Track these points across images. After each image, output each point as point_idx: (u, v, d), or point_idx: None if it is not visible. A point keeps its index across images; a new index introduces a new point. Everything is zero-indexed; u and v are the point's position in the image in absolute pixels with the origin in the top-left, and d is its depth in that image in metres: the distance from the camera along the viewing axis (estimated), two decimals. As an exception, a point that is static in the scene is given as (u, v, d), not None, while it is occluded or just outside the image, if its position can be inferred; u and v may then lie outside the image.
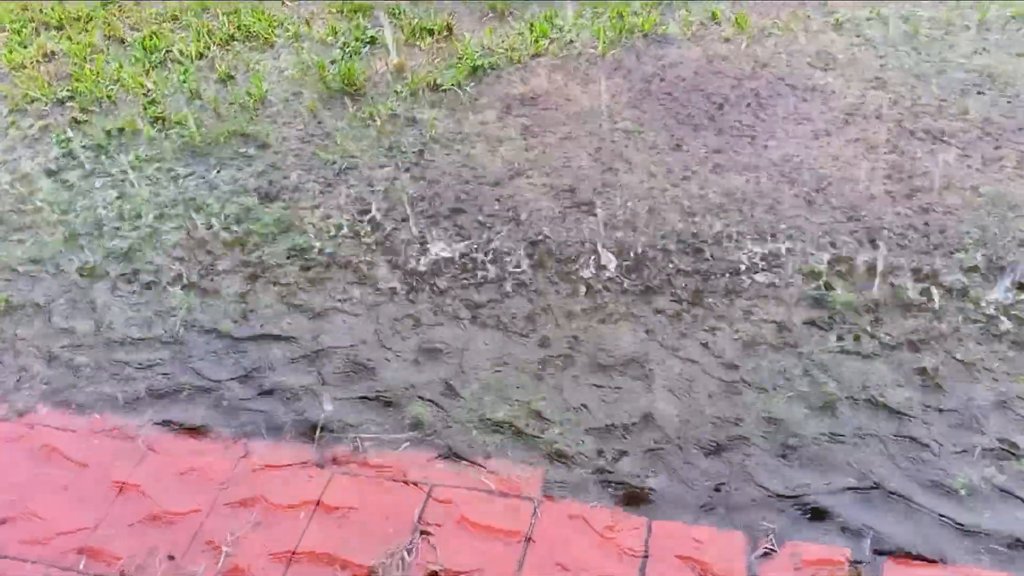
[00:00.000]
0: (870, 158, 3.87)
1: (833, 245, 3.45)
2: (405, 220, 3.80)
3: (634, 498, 2.71)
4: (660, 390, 3.00)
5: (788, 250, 3.46)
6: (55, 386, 3.23)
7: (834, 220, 3.57)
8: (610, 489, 2.74)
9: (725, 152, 4.00)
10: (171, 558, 2.64)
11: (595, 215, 3.73)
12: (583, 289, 3.40)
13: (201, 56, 5.16)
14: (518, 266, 3.53)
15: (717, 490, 2.71)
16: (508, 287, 3.44)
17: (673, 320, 3.25)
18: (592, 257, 3.52)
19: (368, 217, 3.85)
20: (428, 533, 2.67)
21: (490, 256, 3.59)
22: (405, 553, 2.61)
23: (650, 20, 4.95)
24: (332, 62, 4.89)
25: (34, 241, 3.91)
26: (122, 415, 3.11)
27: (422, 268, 3.57)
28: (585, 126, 4.27)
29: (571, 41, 4.92)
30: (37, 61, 5.30)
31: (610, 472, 2.79)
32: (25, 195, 4.19)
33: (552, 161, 4.06)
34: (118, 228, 3.93)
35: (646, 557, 2.54)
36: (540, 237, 3.64)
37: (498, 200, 3.86)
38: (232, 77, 4.94)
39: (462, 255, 3.61)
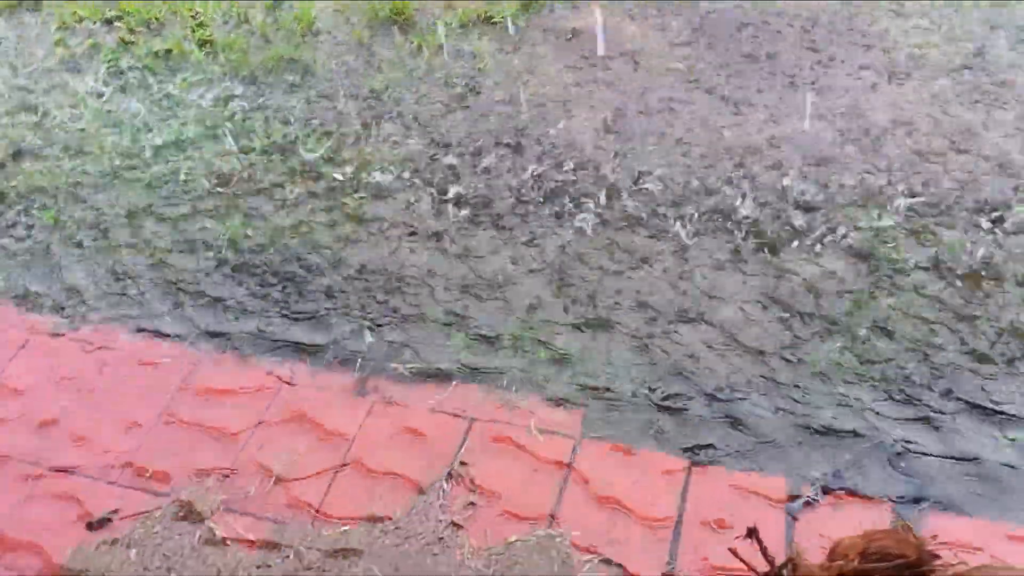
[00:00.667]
0: (928, 108, 3.75)
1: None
2: (449, 151, 3.76)
3: (675, 440, 2.70)
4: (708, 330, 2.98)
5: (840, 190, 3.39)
6: (105, 303, 3.26)
7: (890, 170, 3.48)
8: (652, 431, 2.73)
9: (779, 95, 3.90)
10: (225, 476, 2.68)
11: (645, 151, 3.67)
12: (615, 225, 3.36)
13: (249, -20, 5.09)
14: (564, 199, 3.49)
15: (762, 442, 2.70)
16: (548, 218, 3.41)
17: (730, 263, 3.20)
18: (630, 195, 3.47)
19: (412, 148, 3.81)
20: (466, 464, 2.68)
21: (536, 189, 3.54)
22: (444, 482, 2.62)
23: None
24: (382, -9, 4.80)
25: (81, 161, 3.92)
26: (168, 332, 3.14)
27: (468, 200, 3.54)
28: (637, 64, 4.18)
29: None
30: (86, -20, 5.26)
31: (654, 414, 2.78)
32: (72, 115, 4.19)
33: (602, 98, 3.99)
34: (163, 150, 3.93)
35: (685, 498, 2.54)
36: (585, 169, 3.59)
37: (546, 135, 3.80)
38: (281, 2, 4.88)
39: (507, 187, 3.57)
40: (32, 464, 2.75)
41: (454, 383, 2.91)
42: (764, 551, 2.11)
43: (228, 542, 2.52)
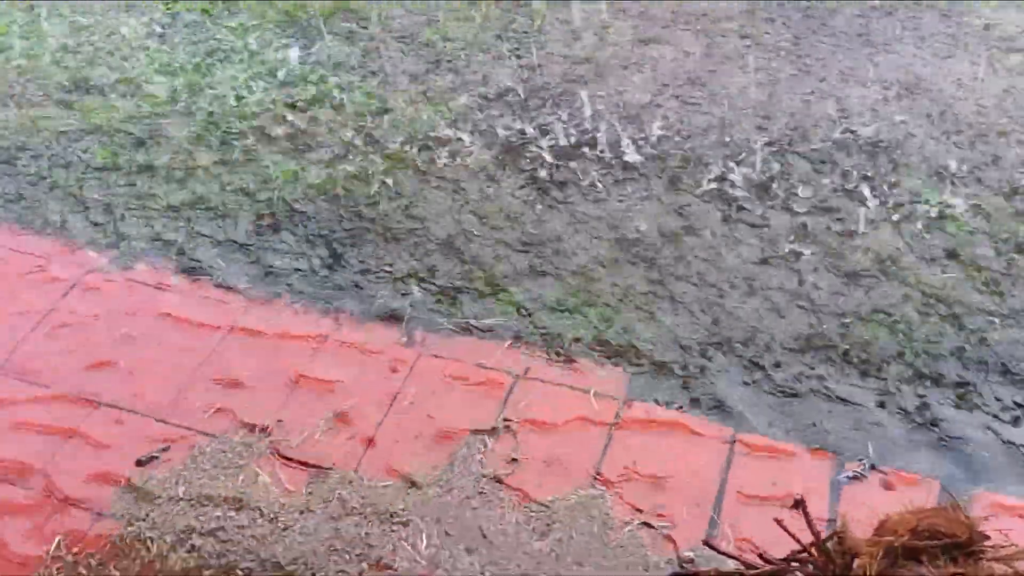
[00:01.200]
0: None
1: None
2: (503, 105, 3.72)
3: (719, 409, 2.68)
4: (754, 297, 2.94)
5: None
6: (155, 244, 3.29)
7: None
8: (697, 398, 2.71)
9: (843, 61, 3.80)
10: (275, 422, 2.70)
11: (704, 113, 3.60)
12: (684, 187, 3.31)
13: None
14: (615, 157, 3.44)
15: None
16: (601, 176, 3.37)
17: (789, 235, 3.15)
18: (684, 160, 3.42)
19: (465, 101, 3.78)
20: (510, 421, 2.68)
21: (590, 147, 3.50)
22: (487, 437, 2.63)
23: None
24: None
25: (137, 102, 3.94)
26: (220, 276, 3.16)
27: (525, 157, 3.50)
28: (697, 25, 4.09)
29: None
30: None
31: (700, 382, 2.75)
32: (127, 54, 4.21)
33: (662, 57, 3.91)
34: (217, 92, 3.93)
35: (728, 467, 2.52)
36: (640, 131, 3.54)
37: (602, 93, 3.74)
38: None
39: (560, 145, 3.53)
40: (83, 399, 2.80)
41: (502, 340, 2.90)
42: (810, 523, 2.08)
43: (272, 485, 2.55)
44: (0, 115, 3.88)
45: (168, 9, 4.49)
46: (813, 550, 2.05)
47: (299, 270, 3.17)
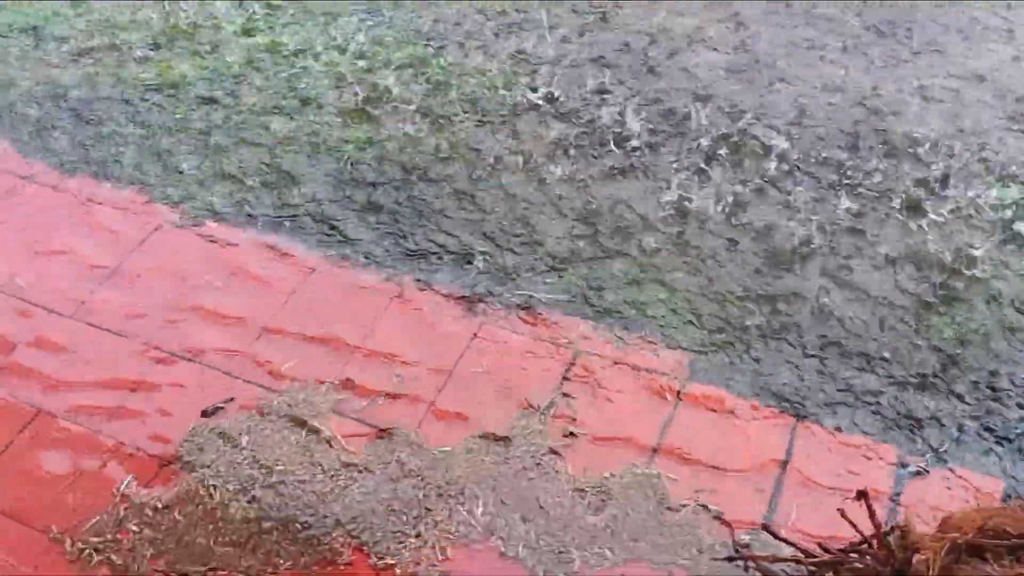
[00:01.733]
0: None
1: None
2: (575, 77, 3.70)
3: (781, 396, 2.66)
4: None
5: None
6: (230, 200, 3.34)
7: None
8: (762, 383, 2.69)
9: (922, 55, 3.71)
10: (337, 381, 2.74)
11: (777, 93, 3.54)
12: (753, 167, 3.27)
13: None
14: (681, 137, 3.41)
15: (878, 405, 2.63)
16: (667, 155, 3.34)
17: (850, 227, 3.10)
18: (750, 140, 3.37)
19: (536, 71, 3.76)
20: (569, 395, 2.69)
21: (656, 121, 3.47)
22: (546, 410, 2.64)
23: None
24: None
25: (213, 60, 3.98)
26: (287, 237, 3.20)
27: (590, 126, 3.48)
28: (770, 4, 4.02)
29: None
30: None
31: (765, 368, 2.73)
32: (207, 13, 4.25)
33: (737, 37, 3.85)
34: (295, 56, 3.96)
35: (789, 454, 2.51)
36: (710, 109, 3.50)
37: (677, 69, 3.70)
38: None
39: (629, 118, 3.50)
40: (154, 348, 2.87)
41: (565, 315, 2.90)
42: (873, 515, 2.06)
43: (333, 443, 2.59)
44: (84, 68, 3.96)
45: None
46: (874, 542, 2.03)
47: (367, 234, 3.20)
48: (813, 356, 2.74)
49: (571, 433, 2.59)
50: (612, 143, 3.45)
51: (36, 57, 4.04)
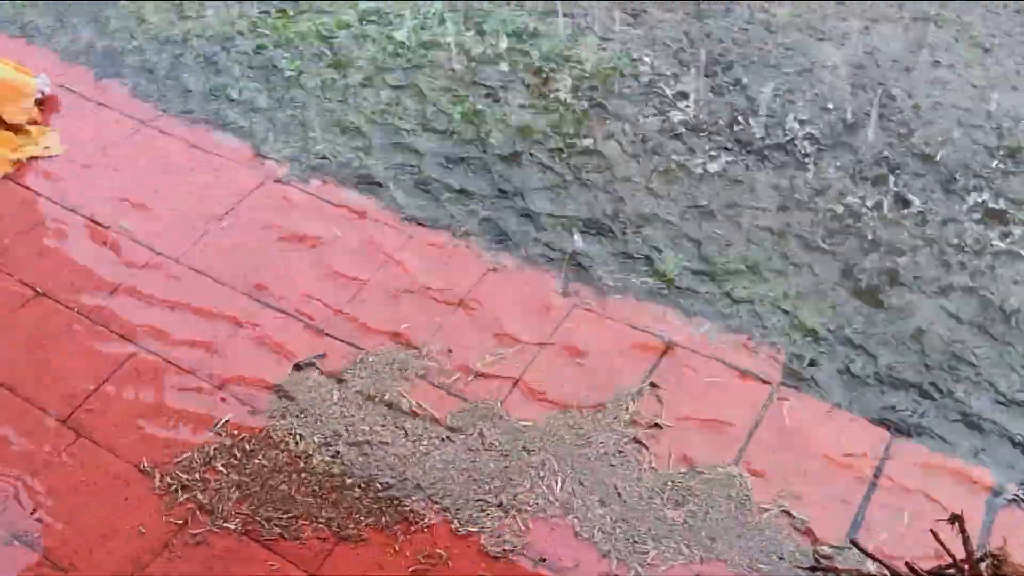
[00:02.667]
0: None
1: None
2: (682, 67, 3.64)
3: (880, 408, 2.58)
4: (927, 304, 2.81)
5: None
6: (336, 162, 3.38)
7: None
8: (859, 395, 2.62)
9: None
10: (450, 351, 2.77)
11: (890, 96, 3.43)
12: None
13: None
14: (800, 139, 3.33)
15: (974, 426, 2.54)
16: (776, 150, 3.26)
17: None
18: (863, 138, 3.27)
19: (642, 58, 3.72)
20: (657, 386, 2.66)
21: (777, 118, 3.40)
22: (633, 398, 2.62)
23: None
24: None
25: (328, 20, 4.02)
26: (391, 206, 3.23)
27: (698, 118, 3.43)
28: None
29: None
30: None
31: (859, 379, 2.66)
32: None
33: (854, 35, 3.74)
34: (411, 21, 3.98)
35: (881, 469, 2.44)
36: (821, 109, 3.41)
37: (789, 67, 3.61)
38: None
39: (743, 112, 3.43)
40: (253, 299, 2.94)
41: (658, 304, 2.87)
42: (966, 540, 2.00)
43: (418, 409, 2.61)
44: (202, 19, 4.05)
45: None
46: (966, 568, 1.97)
47: (467, 205, 3.21)
48: (920, 372, 2.66)
49: (656, 424, 2.57)
50: (726, 134, 3.39)
51: (161, 2, 4.16)
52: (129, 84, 3.76)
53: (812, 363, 2.68)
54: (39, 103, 3.64)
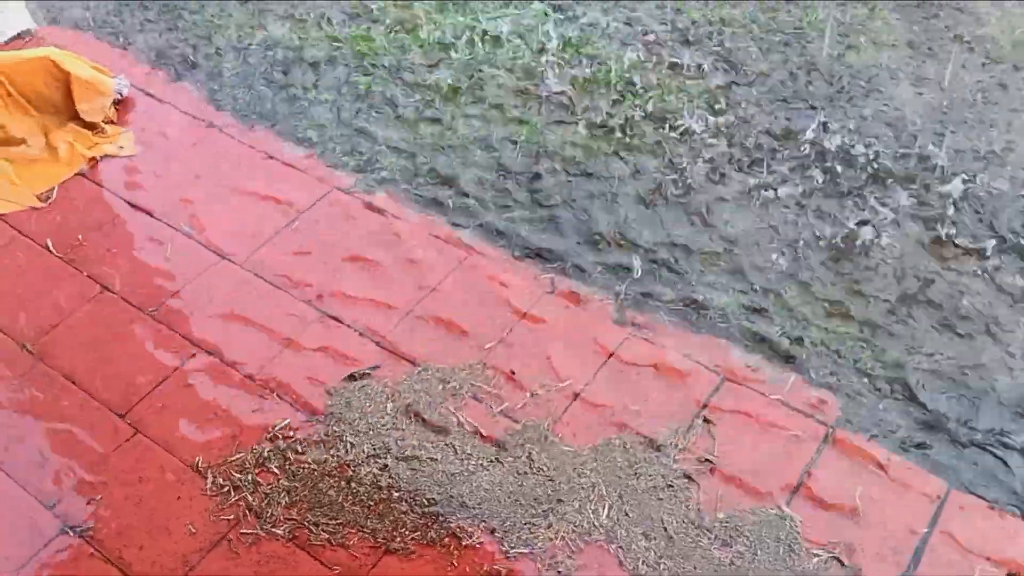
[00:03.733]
0: None
1: None
2: (755, 95, 3.62)
3: (938, 459, 2.53)
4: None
5: None
6: (400, 177, 3.42)
7: None
8: (915, 442, 2.57)
9: None
10: (512, 372, 2.78)
11: (973, 141, 3.37)
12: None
13: None
14: (868, 179, 3.28)
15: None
16: (835, 191, 3.22)
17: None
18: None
19: (725, 93, 3.70)
20: (710, 421, 2.63)
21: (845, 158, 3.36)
22: (684, 432, 2.60)
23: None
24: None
25: (403, 39, 4.07)
26: (453, 221, 3.26)
27: (770, 151, 3.40)
28: (980, 43, 3.82)
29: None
30: None
31: (917, 426, 2.61)
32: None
33: (937, 71, 3.69)
34: (482, 47, 4.01)
35: (935, 522, 2.38)
36: (904, 148, 3.36)
37: (873, 106, 3.56)
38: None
39: (808, 147, 3.40)
40: (312, 307, 2.98)
41: (716, 337, 2.85)
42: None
43: (468, 427, 2.62)
44: (279, 30, 4.13)
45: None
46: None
47: (527, 224, 3.21)
48: (979, 425, 2.60)
49: (707, 460, 2.54)
50: (782, 166, 3.36)
51: (239, 11, 4.25)
52: (205, 89, 3.84)
53: (875, 405, 2.64)
54: (116, 103, 3.75)
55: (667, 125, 3.55)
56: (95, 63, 3.80)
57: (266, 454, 2.56)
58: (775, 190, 3.28)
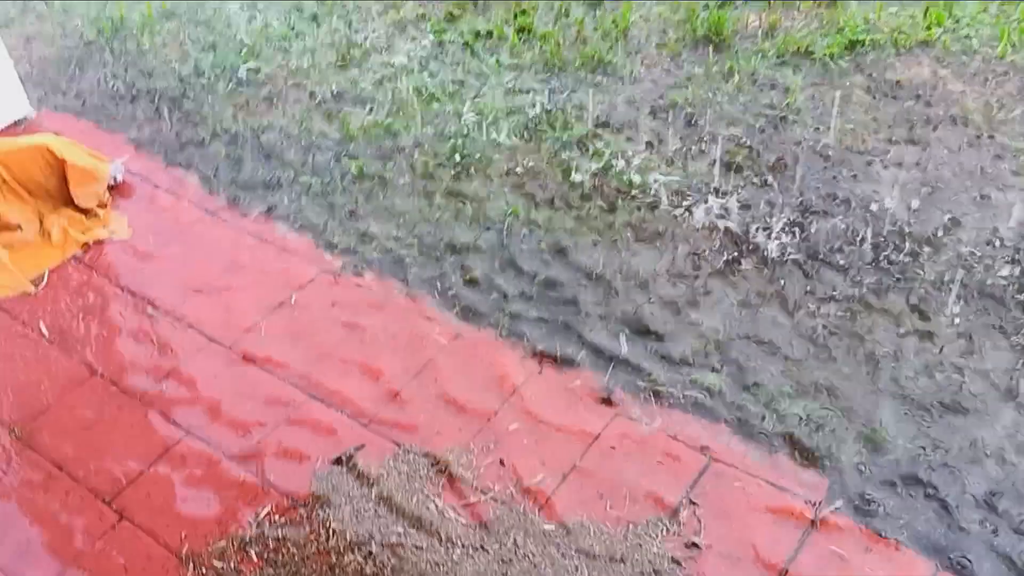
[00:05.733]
0: None
1: None
2: (737, 179, 3.68)
3: (928, 541, 2.50)
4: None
5: None
6: (386, 258, 3.45)
7: None
8: (905, 524, 2.54)
9: None
10: (502, 462, 2.77)
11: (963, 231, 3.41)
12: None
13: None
14: (852, 266, 3.32)
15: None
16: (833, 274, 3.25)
17: None
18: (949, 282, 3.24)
19: (712, 165, 3.76)
20: (695, 504, 2.62)
21: (838, 248, 3.40)
22: (670, 516, 2.58)
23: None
24: (705, 7, 4.76)
25: (394, 118, 4.16)
26: (439, 302, 3.29)
27: (766, 250, 3.45)
28: (964, 130, 3.89)
29: (967, 36, 4.46)
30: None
31: (919, 510, 2.59)
32: (393, 74, 4.47)
33: (918, 157, 3.75)
34: (469, 124, 4.10)
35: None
36: (887, 232, 3.40)
37: (852, 192, 3.62)
38: (602, 1, 4.96)
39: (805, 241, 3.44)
40: (300, 389, 2.98)
41: (702, 418, 2.85)
42: None
43: (452, 514, 2.60)
44: (274, 115, 4.23)
45: (436, 36, 4.74)
46: None
47: (515, 303, 3.24)
48: (972, 505, 2.57)
49: (694, 544, 2.52)
50: (758, 257, 3.40)
51: (228, 98, 4.35)
52: (198, 174, 3.91)
53: (863, 486, 2.62)
54: (111, 187, 3.81)
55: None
56: (91, 149, 3.87)
57: (248, 539, 2.54)
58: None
